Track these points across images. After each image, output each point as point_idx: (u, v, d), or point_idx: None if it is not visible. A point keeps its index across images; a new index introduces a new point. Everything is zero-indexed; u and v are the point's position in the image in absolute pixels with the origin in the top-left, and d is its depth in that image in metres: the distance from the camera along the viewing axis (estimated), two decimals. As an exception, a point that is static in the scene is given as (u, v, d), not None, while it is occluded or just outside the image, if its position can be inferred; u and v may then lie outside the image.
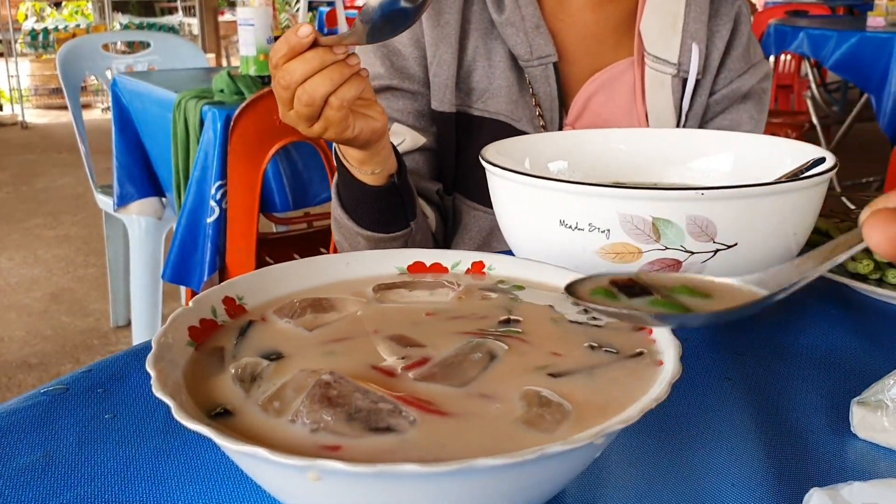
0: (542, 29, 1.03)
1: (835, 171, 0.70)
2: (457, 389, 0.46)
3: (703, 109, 1.08)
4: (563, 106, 1.05)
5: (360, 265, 0.62)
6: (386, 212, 0.92)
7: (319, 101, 0.75)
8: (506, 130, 1.03)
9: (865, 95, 3.85)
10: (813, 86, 4.28)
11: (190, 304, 0.52)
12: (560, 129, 1.05)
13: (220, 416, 0.43)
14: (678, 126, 1.06)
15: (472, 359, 0.49)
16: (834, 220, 0.88)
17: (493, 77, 1.03)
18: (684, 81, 1.06)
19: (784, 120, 4.08)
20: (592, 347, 0.51)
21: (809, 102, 4.22)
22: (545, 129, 1.03)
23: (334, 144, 0.89)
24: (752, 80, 1.09)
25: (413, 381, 0.47)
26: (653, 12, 1.05)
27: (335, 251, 1.27)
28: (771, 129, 3.22)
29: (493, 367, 0.48)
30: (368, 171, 0.88)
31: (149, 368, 0.43)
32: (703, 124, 1.09)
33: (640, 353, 0.50)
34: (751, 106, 1.10)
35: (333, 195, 0.96)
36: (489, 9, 1.03)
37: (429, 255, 0.64)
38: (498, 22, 1.02)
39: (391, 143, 0.90)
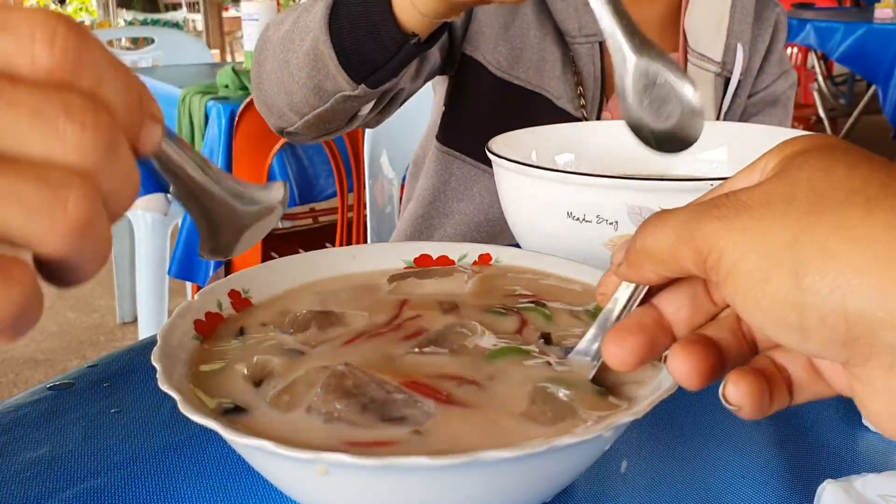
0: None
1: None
2: (475, 378, 0.45)
3: (741, 110, 1.10)
4: (605, 89, 1.05)
5: (365, 258, 0.62)
6: (366, 51, 0.77)
7: None
8: (544, 104, 1.02)
9: (872, 88, 3.84)
10: (820, 78, 4.26)
11: (195, 297, 0.52)
12: (600, 111, 1.05)
13: (230, 412, 0.43)
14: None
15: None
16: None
17: (541, 49, 1.03)
18: (726, 81, 1.07)
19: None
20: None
21: (816, 95, 4.21)
22: (585, 108, 1.03)
23: None
24: (783, 85, 1.13)
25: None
26: (698, 10, 1.06)
27: (341, 246, 1.26)
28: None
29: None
30: (426, 6, 0.72)
31: (154, 362, 0.43)
32: None
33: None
34: (779, 111, 1.13)
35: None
36: None
37: (435, 248, 0.63)
38: (549, 1, 1.02)
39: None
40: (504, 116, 1.03)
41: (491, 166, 1.04)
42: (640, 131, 0.67)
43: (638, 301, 0.40)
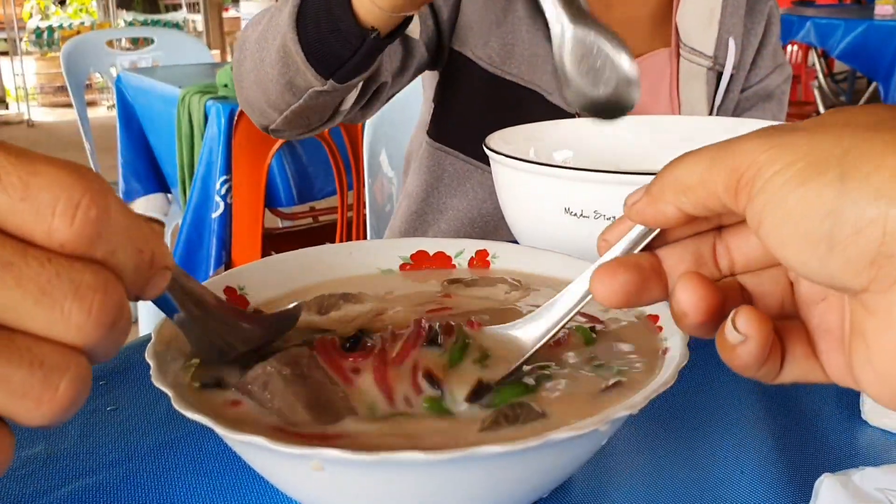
0: (585, 7, 1.03)
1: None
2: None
3: (734, 105, 1.10)
4: None
5: (363, 255, 0.62)
6: (330, 47, 0.78)
7: None
8: (534, 100, 1.02)
9: (873, 85, 3.83)
10: (820, 76, 4.26)
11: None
12: None
13: (207, 386, 0.43)
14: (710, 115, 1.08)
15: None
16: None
17: (533, 44, 1.03)
18: (718, 75, 1.07)
19: (791, 110, 4.05)
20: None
21: (817, 92, 4.20)
22: None
23: None
24: (777, 80, 1.12)
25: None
26: (689, 5, 1.06)
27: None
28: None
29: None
30: (384, 4, 0.74)
31: (148, 358, 0.43)
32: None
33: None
34: (773, 105, 1.13)
35: None
36: None
37: (432, 244, 0.63)
38: None
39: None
40: (496, 111, 1.03)
41: (484, 162, 1.04)
42: (578, 99, 0.69)
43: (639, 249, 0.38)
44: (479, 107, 1.05)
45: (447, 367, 0.45)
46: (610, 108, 0.70)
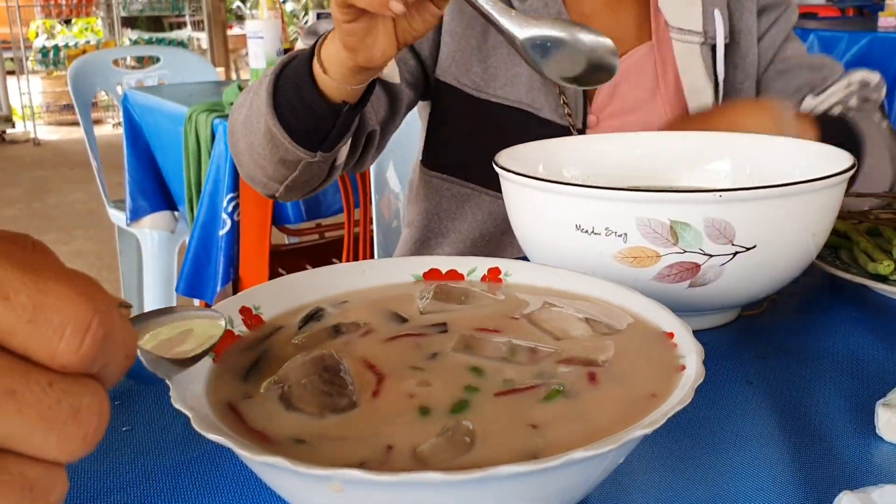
0: (564, 16, 1.04)
1: (853, 171, 0.69)
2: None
3: (754, 70, 1.10)
4: (586, 93, 1.06)
5: (376, 273, 0.62)
6: (310, 125, 0.84)
7: None
8: (525, 119, 1.03)
9: (877, 97, 3.83)
10: (824, 88, 4.25)
11: (206, 314, 0.52)
12: (585, 116, 1.05)
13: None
14: (716, 94, 1.07)
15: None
16: (852, 222, 0.88)
17: (515, 65, 1.03)
18: (713, 48, 1.07)
19: (795, 123, 4.04)
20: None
21: (820, 105, 4.20)
22: (571, 117, 1.04)
23: (325, 38, 0.81)
24: (792, 19, 1.14)
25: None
26: None
27: (349, 262, 1.26)
28: (782, 132, 3.21)
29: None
30: (339, 79, 0.79)
31: (168, 380, 0.43)
32: (766, 80, 1.12)
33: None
34: (795, 41, 1.14)
35: (276, 67, 0.86)
36: None
37: (444, 262, 0.63)
38: (520, 10, 1.02)
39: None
40: (487, 135, 1.04)
41: (479, 185, 1.05)
42: (563, 83, 0.76)
43: None
44: (469, 132, 1.06)
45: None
46: (594, 77, 0.75)
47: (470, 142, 1.06)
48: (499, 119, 1.04)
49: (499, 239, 1.07)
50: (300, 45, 1.01)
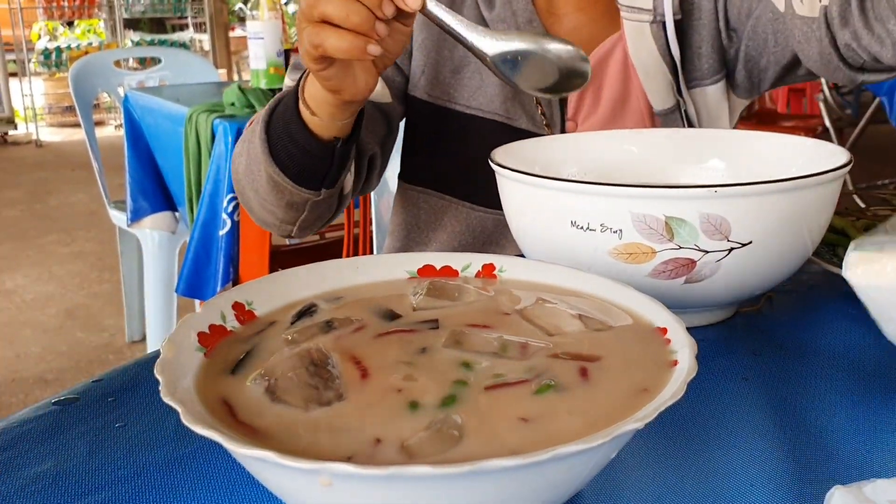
0: (535, 23, 1.01)
1: (849, 167, 0.69)
2: None
3: (717, 43, 1.02)
4: (562, 101, 1.03)
5: (370, 270, 0.62)
6: (308, 166, 0.85)
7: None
8: (501, 130, 1.01)
9: (878, 99, 3.82)
10: (825, 89, 4.25)
11: (199, 309, 0.52)
12: (563, 123, 1.03)
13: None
14: (674, 71, 1.01)
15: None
16: (850, 218, 0.87)
17: (486, 74, 1.01)
18: (664, 25, 1.01)
19: (796, 123, 4.06)
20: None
21: (822, 105, 4.19)
22: (548, 126, 1.02)
23: (305, 80, 0.82)
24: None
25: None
26: None
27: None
28: (783, 133, 3.20)
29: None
30: (327, 118, 0.80)
31: (157, 374, 0.43)
32: (748, 43, 1.01)
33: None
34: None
35: (265, 114, 0.86)
36: (480, 6, 1.02)
37: (439, 259, 0.63)
38: (488, 19, 1.01)
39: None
40: (462, 147, 1.03)
41: (456, 197, 1.05)
42: (537, 95, 0.76)
43: None
44: (443, 145, 1.05)
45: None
46: (569, 84, 0.75)
47: (445, 155, 1.05)
48: (471, 131, 1.02)
49: (478, 248, 1.06)
50: (287, 81, 1.00)
